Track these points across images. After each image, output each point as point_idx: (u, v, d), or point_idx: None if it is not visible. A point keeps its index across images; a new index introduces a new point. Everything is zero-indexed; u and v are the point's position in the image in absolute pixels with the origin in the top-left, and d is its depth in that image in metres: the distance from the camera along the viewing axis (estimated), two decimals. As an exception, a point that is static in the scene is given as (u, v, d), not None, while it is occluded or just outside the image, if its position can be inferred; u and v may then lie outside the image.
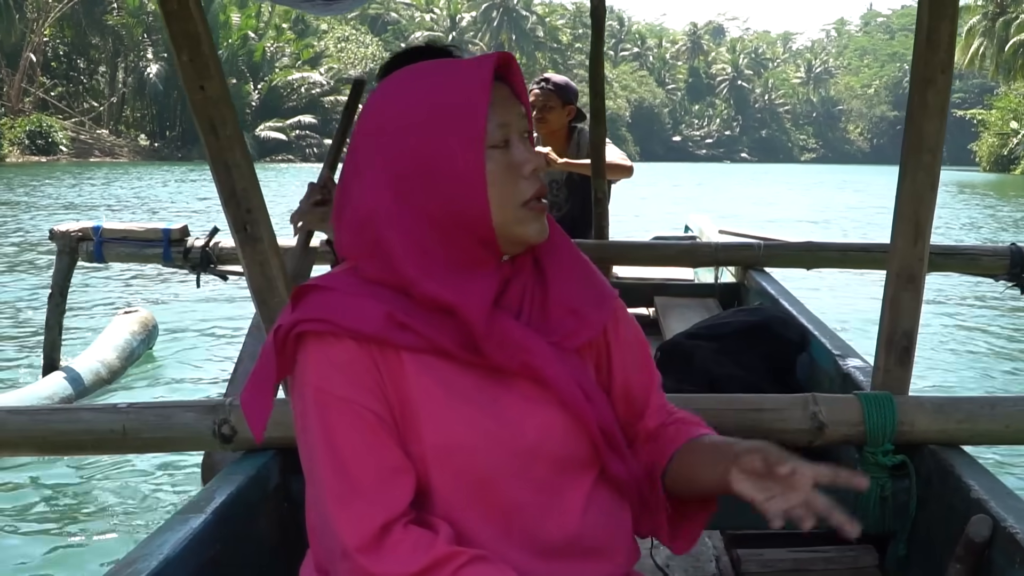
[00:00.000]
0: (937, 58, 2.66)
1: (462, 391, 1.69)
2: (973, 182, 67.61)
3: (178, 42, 2.66)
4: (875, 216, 27.85)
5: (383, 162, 1.66)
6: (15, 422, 2.74)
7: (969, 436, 2.76)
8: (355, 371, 1.63)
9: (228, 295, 11.29)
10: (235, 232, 2.81)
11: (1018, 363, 9.68)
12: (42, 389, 6.52)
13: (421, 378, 1.66)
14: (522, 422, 1.71)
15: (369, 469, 1.61)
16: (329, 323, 1.63)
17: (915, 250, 2.75)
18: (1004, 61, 79.77)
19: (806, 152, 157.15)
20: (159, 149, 79.19)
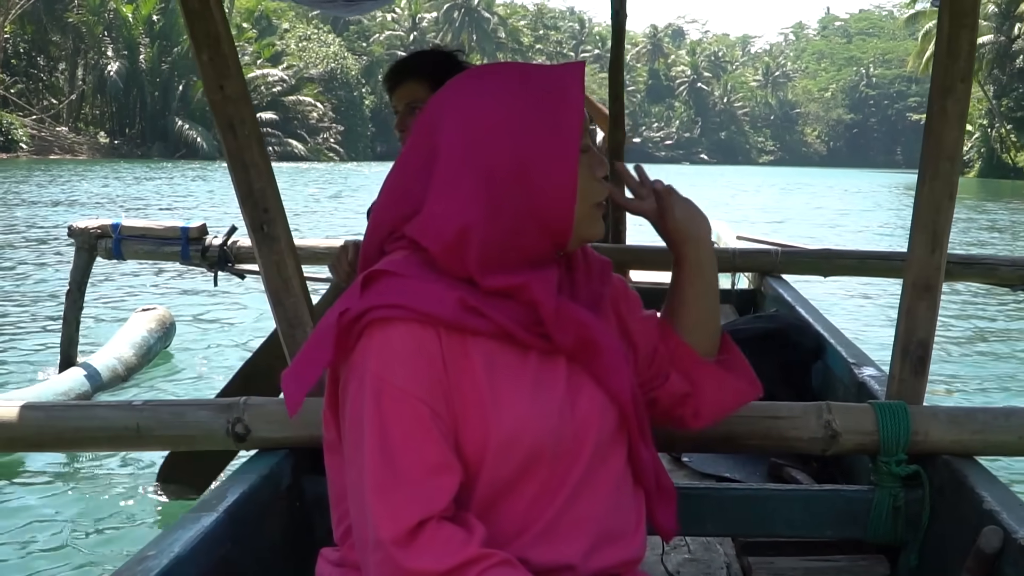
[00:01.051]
0: (957, 67, 2.65)
1: (524, 376, 1.73)
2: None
3: (199, 41, 2.67)
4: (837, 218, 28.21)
5: (477, 160, 1.69)
6: (31, 418, 2.75)
7: (983, 447, 2.75)
8: (417, 362, 1.64)
9: (245, 294, 11.31)
10: (252, 231, 2.82)
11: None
12: (58, 385, 6.55)
13: (487, 365, 1.69)
14: (572, 404, 1.77)
15: (416, 463, 1.61)
16: (405, 308, 1.64)
17: (932, 259, 2.74)
18: None
19: (764, 154, 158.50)
20: (118, 147, 79.19)
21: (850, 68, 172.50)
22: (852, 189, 57.92)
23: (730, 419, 2.71)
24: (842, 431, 2.70)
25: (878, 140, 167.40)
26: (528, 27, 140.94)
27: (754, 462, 3.77)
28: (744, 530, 2.92)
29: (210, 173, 49.15)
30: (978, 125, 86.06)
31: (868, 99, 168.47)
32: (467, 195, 1.68)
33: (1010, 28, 79.60)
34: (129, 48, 78.90)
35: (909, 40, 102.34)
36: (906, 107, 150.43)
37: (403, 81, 3.49)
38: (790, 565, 2.95)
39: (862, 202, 44.39)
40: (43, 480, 5.63)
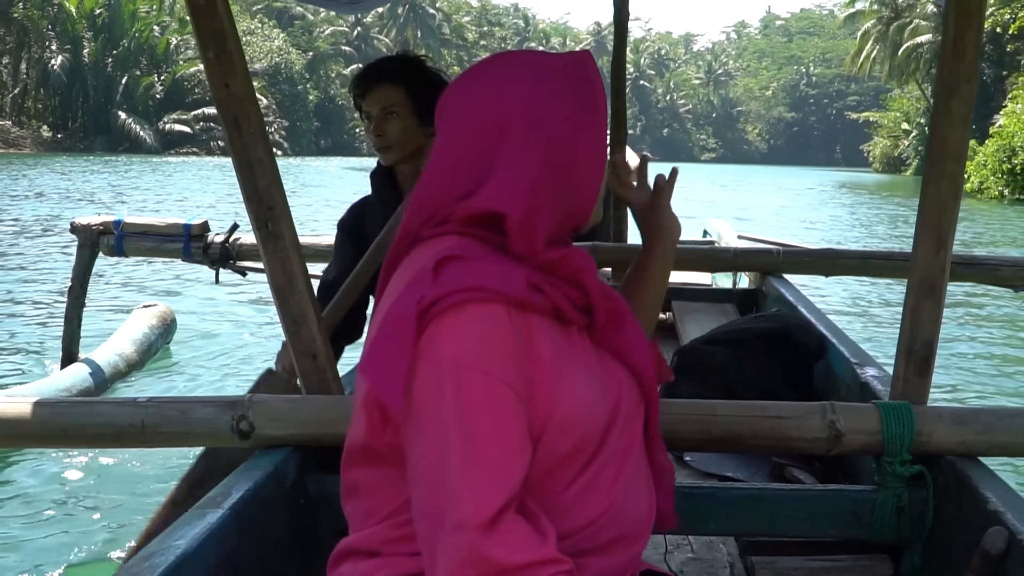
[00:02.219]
0: (962, 67, 2.65)
1: (576, 354, 1.77)
2: (865, 182, 71.22)
3: (204, 39, 2.66)
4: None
5: (540, 138, 1.77)
6: (36, 414, 2.75)
7: (987, 447, 2.75)
8: (497, 343, 1.62)
9: (246, 291, 11.32)
10: (256, 229, 2.82)
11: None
12: (60, 381, 6.56)
13: (550, 344, 1.71)
14: (609, 381, 1.81)
15: (502, 447, 1.58)
16: (482, 290, 1.63)
17: (937, 260, 2.74)
18: (897, 65, 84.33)
19: (706, 152, 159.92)
20: (62, 140, 79.35)
21: (791, 67, 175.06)
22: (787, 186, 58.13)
23: (734, 419, 2.72)
24: (846, 431, 2.70)
25: (818, 138, 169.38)
26: (472, 23, 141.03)
27: (757, 462, 3.77)
28: (747, 529, 2.92)
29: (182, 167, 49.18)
30: (916, 124, 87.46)
31: (808, 98, 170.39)
32: (536, 168, 1.75)
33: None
34: (73, 42, 79.20)
35: (849, 39, 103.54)
36: (845, 106, 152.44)
37: (377, 85, 3.51)
38: (793, 565, 2.95)
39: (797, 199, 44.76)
40: (47, 476, 5.64)
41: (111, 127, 79.27)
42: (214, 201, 30.73)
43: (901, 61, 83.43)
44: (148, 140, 78.21)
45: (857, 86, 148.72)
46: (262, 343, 9.10)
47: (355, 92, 3.59)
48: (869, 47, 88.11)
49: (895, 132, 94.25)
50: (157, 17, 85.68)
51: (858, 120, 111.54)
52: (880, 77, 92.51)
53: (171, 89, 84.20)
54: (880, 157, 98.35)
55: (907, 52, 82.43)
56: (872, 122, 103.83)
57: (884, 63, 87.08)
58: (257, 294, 11.13)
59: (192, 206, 27.79)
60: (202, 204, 29.39)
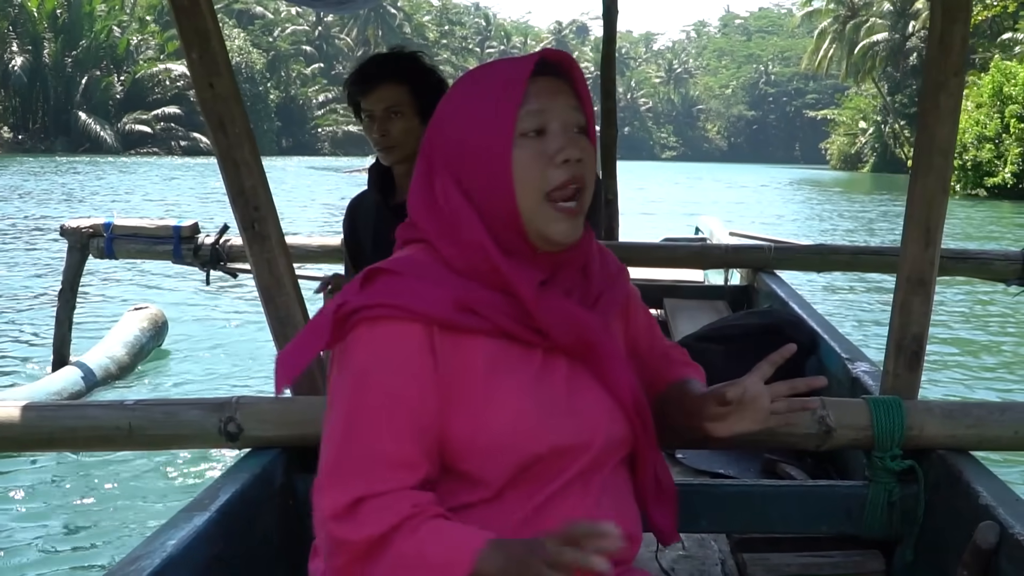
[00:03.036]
0: (950, 61, 2.65)
1: (524, 374, 1.76)
2: (822, 179, 71.84)
3: (188, 39, 2.65)
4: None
5: (441, 156, 1.79)
6: (23, 418, 2.73)
7: (978, 442, 2.74)
8: (402, 359, 1.70)
9: (237, 292, 11.30)
10: (243, 230, 2.81)
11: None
12: (51, 384, 6.54)
13: (488, 363, 1.73)
14: (576, 403, 1.79)
15: (372, 453, 1.66)
16: (396, 308, 1.69)
17: (926, 254, 2.74)
18: (853, 63, 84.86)
19: (667, 150, 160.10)
20: (22, 141, 78.52)
21: (750, 65, 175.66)
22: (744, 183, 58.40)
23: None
24: (836, 426, 2.70)
25: (777, 136, 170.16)
26: (433, 23, 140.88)
27: (748, 458, 3.76)
28: (739, 526, 2.92)
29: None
30: (872, 121, 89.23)
31: (767, 96, 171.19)
32: (443, 188, 1.78)
33: (904, 26, 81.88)
34: (33, 43, 78.48)
35: (807, 38, 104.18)
36: (804, 104, 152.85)
37: (380, 84, 3.47)
38: (785, 561, 2.94)
39: (753, 195, 45.09)
40: (34, 480, 5.62)
41: (72, 128, 78.71)
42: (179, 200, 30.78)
43: (857, 59, 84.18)
44: (109, 140, 77.80)
45: (816, 84, 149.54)
46: (253, 345, 9.07)
47: (355, 91, 3.56)
48: (826, 45, 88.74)
49: (852, 130, 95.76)
50: (116, 16, 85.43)
51: (816, 118, 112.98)
52: (838, 75, 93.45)
53: (131, 89, 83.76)
54: (838, 155, 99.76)
55: (863, 50, 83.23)
56: (830, 120, 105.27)
57: (841, 61, 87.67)
58: (248, 295, 11.11)
59: (166, 205, 27.76)
60: (169, 203, 29.37)
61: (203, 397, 2.99)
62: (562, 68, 1.82)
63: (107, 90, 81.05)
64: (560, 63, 1.82)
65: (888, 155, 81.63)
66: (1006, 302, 12.61)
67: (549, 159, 1.74)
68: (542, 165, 1.73)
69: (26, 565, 4.58)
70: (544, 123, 1.75)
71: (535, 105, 1.75)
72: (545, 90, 1.77)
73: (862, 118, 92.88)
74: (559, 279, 1.83)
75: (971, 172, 46.79)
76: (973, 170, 46.68)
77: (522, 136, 1.74)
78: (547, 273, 1.80)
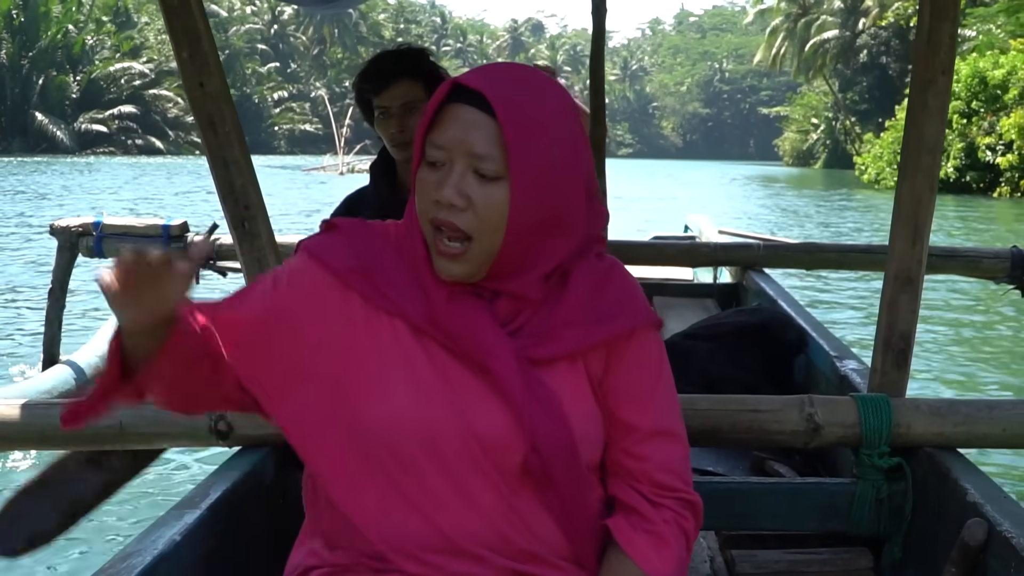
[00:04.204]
0: (938, 60, 2.66)
1: (424, 362, 1.75)
2: (775, 175, 72.51)
3: (178, 38, 2.66)
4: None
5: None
6: (14, 416, 2.74)
7: (966, 439, 2.76)
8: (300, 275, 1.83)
9: (228, 291, 11.28)
10: (233, 228, 2.82)
11: (1016, 367, 9.66)
12: (41, 383, 6.51)
13: (381, 337, 1.76)
14: (475, 413, 1.72)
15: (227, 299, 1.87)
16: (311, 251, 1.84)
17: (913, 252, 2.75)
18: (804, 60, 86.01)
19: (623, 147, 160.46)
20: None
21: (704, 63, 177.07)
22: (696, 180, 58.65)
23: (712, 413, 2.73)
24: (824, 424, 2.71)
25: (732, 133, 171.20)
26: (389, 21, 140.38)
27: (737, 456, 3.77)
28: (727, 523, 2.93)
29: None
30: (824, 118, 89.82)
31: (722, 93, 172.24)
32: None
33: (854, 23, 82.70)
34: None
35: (760, 35, 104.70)
36: (758, 101, 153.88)
37: (396, 80, 3.48)
38: (773, 558, 2.95)
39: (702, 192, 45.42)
40: (25, 478, 5.60)
41: (28, 128, 78.37)
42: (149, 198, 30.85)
43: (809, 56, 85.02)
44: (65, 140, 77.64)
45: (769, 81, 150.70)
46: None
47: (368, 88, 3.56)
48: (778, 43, 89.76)
49: (804, 127, 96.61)
50: (73, 17, 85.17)
51: (770, 115, 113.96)
52: (791, 72, 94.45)
53: (87, 89, 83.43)
54: (790, 151, 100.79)
55: (814, 48, 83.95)
56: (783, 117, 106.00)
57: (793, 59, 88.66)
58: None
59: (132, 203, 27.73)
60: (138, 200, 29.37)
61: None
62: (502, 105, 1.68)
63: (63, 90, 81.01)
64: (480, 91, 1.69)
65: (839, 151, 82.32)
66: (994, 300, 12.62)
67: (427, 192, 1.70)
68: (429, 196, 1.69)
69: (16, 564, 4.57)
70: (440, 158, 1.69)
71: (438, 136, 1.69)
72: (454, 120, 1.68)
73: (814, 115, 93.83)
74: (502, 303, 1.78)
75: None
76: None
77: (425, 163, 1.71)
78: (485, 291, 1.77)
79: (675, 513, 1.82)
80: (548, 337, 1.77)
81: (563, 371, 1.78)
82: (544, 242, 1.73)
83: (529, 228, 1.70)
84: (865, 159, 56.81)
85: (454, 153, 1.67)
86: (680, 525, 1.82)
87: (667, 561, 1.77)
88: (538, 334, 1.77)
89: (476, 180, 1.67)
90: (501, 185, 1.67)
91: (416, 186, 1.72)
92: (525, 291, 1.75)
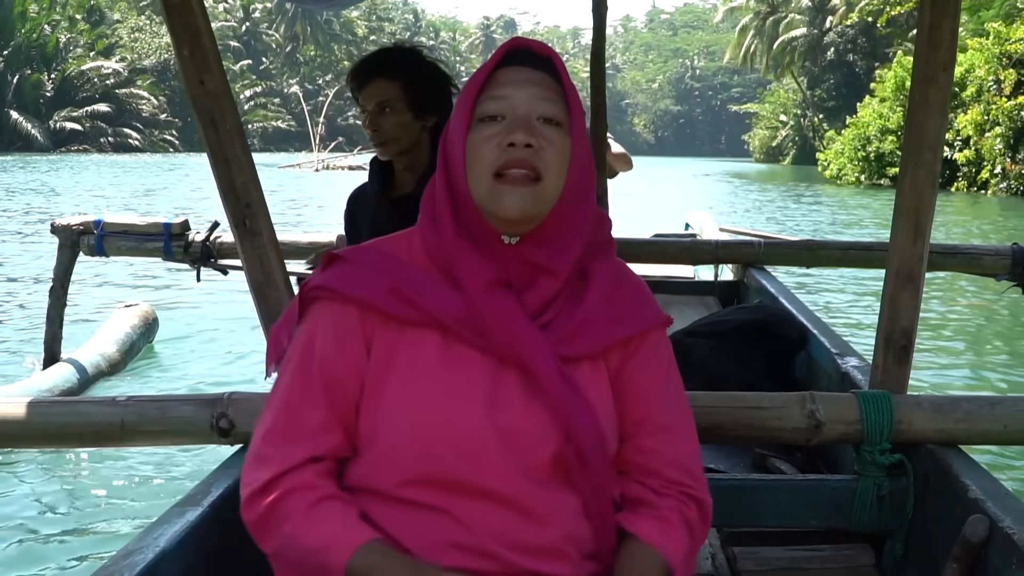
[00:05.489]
0: (939, 56, 2.66)
1: (454, 368, 1.76)
2: (747, 171, 73.41)
3: (179, 36, 2.66)
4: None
5: (440, 146, 1.86)
6: (15, 414, 2.74)
7: (967, 436, 2.76)
8: (336, 334, 1.80)
9: (228, 289, 11.28)
10: (234, 226, 2.82)
11: (1018, 363, 9.65)
12: (43, 381, 6.52)
13: (416, 352, 1.77)
14: (509, 410, 1.74)
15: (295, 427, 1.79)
16: (336, 292, 1.80)
17: (914, 249, 2.75)
18: (773, 58, 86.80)
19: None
20: None
21: (676, 60, 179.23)
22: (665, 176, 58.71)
23: (714, 409, 2.73)
24: (826, 421, 2.71)
25: (703, 129, 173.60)
26: (362, 18, 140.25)
27: (739, 453, 3.77)
28: (728, 520, 2.93)
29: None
30: (792, 115, 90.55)
31: (693, 90, 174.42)
32: (439, 169, 1.84)
33: (822, 22, 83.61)
34: None
35: (731, 33, 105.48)
36: (729, 98, 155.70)
37: (371, 80, 3.47)
38: (775, 555, 2.95)
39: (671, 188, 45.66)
40: (27, 476, 5.61)
41: (3, 126, 78.28)
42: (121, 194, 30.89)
43: (777, 54, 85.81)
44: (40, 138, 77.79)
45: (740, 78, 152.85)
46: (244, 341, 9.05)
47: (352, 87, 3.57)
48: (748, 41, 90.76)
49: (773, 123, 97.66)
50: (48, 16, 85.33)
51: (740, 112, 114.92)
52: (760, 70, 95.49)
53: (61, 87, 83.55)
54: (760, 147, 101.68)
55: (782, 45, 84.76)
56: (753, 114, 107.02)
57: (763, 56, 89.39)
58: (239, 292, 11.06)
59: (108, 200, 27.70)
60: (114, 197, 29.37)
61: (195, 393, 3.00)
62: (540, 58, 1.82)
63: (37, 88, 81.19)
64: (538, 52, 1.82)
65: (807, 147, 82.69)
66: (996, 297, 12.60)
67: (498, 143, 1.73)
68: (491, 148, 1.73)
69: (19, 561, 4.58)
70: (503, 109, 1.76)
71: (496, 91, 1.77)
72: (513, 78, 1.78)
73: (783, 112, 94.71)
74: (534, 295, 1.79)
75: (874, 163, 48.99)
76: (876, 161, 48.80)
77: (480, 121, 1.77)
78: (514, 269, 1.78)
79: (678, 503, 1.86)
80: (575, 335, 1.80)
81: (588, 369, 1.83)
82: (579, 207, 1.81)
83: (577, 181, 1.80)
84: (827, 155, 57.54)
85: (516, 101, 1.77)
86: (682, 513, 1.85)
87: (676, 542, 1.82)
88: (566, 333, 1.80)
89: (542, 125, 1.76)
90: (563, 131, 1.78)
91: (473, 149, 1.76)
92: (558, 266, 1.79)
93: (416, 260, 1.83)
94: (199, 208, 22.78)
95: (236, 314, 10.11)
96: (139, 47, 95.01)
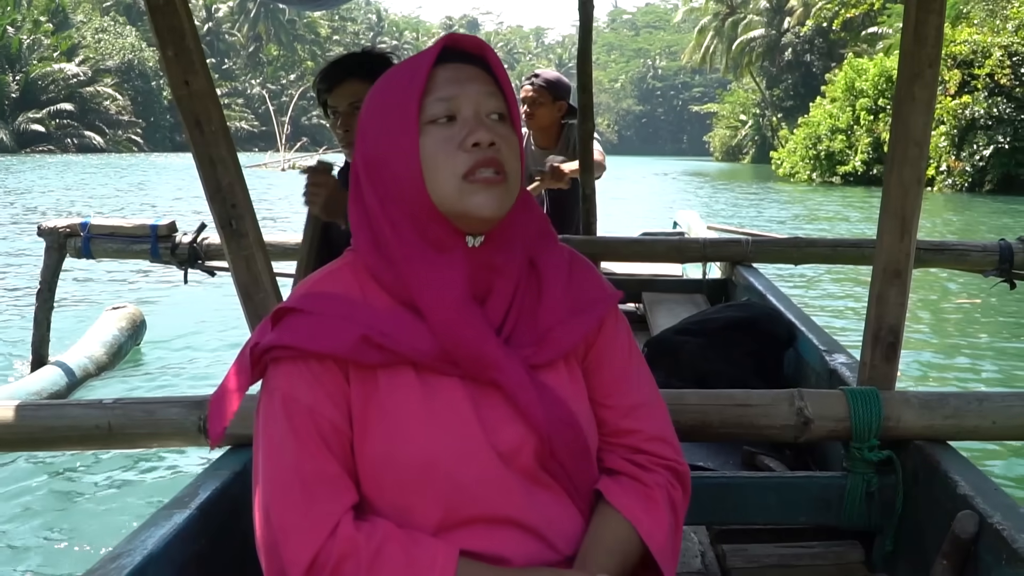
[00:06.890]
0: (924, 52, 2.66)
1: (439, 403, 1.72)
2: (706, 171, 74.70)
3: (163, 37, 2.65)
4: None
5: (362, 162, 1.75)
6: (3, 417, 2.73)
7: (956, 432, 2.76)
8: (324, 384, 1.71)
9: (216, 291, 11.27)
10: (220, 227, 2.81)
11: (1005, 359, 9.68)
12: (30, 384, 6.51)
13: (396, 395, 1.71)
14: (497, 433, 1.73)
15: (317, 485, 1.69)
16: (301, 350, 1.70)
17: (901, 245, 2.75)
18: (733, 58, 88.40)
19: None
20: None
21: (638, 60, 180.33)
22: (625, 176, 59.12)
23: (703, 407, 2.72)
24: (814, 418, 2.71)
25: (665, 129, 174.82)
26: (325, 18, 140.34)
27: (727, 450, 3.77)
28: (718, 518, 2.93)
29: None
30: (752, 114, 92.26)
31: (655, 90, 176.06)
32: (363, 194, 1.76)
33: (780, 22, 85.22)
34: None
35: (691, 33, 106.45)
36: (690, 98, 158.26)
37: (344, 80, 3.50)
38: (765, 552, 2.95)
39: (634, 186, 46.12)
40: (13, 479, 5.60)
41: None
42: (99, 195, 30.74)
43: (736, 54, 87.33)
44: (4, 139, 78.43)
45: (701, 79, 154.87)
46: (231, 343, 9.05)
47: (320, 88, 3.58)
48: (708, 41, 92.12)
49: (733, 123, 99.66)
50: (10, 16, 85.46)
51: (701, 112, 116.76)
52: (720, 70, 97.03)
53: (25, 88, 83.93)
54: (720, 147, 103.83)
55: (741, 46, 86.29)
56: (713, 113, 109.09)
57: (722, 57, 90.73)
58: (226, 294, 11.04)
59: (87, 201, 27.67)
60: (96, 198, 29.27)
61: (182, 395, 2.99)
62: (474, 54, 1.76)
63: (2, 90, 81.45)
64: (471, 48, 1.76)
65: (766, 146, 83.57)
66: (983, 293, 12.64)
67: (458, 144, 1.67)
68: (451, 150, 1.67)
69: (4, 565, 4.56)
70: (453, 109, 1.69)
71: (442, 92, 1.69)
72: (454, 76, 1.71)
73: (742, 111, 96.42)
74: (496, 300, 1.76)
75: (825, 161, 50.20)
76: (827, 159, 50.03)
77: (430, 124, 1.68)
78: (478, 276, 1.74)
79: (666, 481, 1.87)
80: (542, 341, 1.78)
81: (560, 369, 1.82)
82: (522, 202, 1.79)
83: (522, 175, 1.77)
84: (781, 154, 58.72)
85: (463, 101, 1.70)
86: (669, 494, 1.87)
87: (658, 522, 1.82)
88: (532, 339, 1.78)
89: (495, 123, 1.72)
90: (509, 126, 1.74)
91: (431, 154, 1.67)
92: (511, 266, 1.76)
93: (371, 295, 1.76)
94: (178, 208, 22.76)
95: (223, 315, 10.11)
96: (103, 48, 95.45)
